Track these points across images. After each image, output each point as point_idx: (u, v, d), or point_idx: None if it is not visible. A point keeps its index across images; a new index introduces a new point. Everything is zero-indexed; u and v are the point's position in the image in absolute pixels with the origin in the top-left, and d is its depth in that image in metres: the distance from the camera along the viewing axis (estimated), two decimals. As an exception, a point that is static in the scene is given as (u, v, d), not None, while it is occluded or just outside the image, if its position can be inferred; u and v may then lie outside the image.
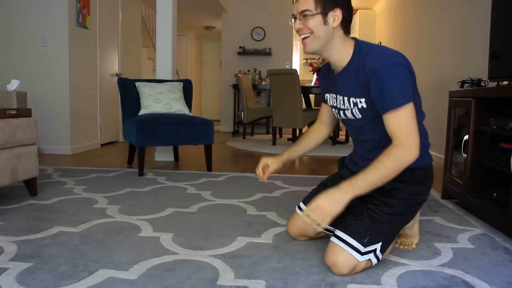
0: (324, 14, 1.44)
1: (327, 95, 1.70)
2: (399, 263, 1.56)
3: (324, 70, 1.72)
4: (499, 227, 1.98)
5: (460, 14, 3.80)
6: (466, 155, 2.29)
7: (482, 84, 2.42)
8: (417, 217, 1.75)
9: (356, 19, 7.86)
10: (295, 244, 1.74)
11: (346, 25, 1.49)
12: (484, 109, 2.20)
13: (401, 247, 1.73)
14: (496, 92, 2.02)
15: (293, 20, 1.51)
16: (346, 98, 1.54)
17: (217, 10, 7.57)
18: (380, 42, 7.45)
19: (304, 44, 1.51)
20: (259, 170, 1.83)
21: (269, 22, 7.57)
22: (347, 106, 1.55)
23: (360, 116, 1.53)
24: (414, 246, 1.73)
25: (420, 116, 1.53)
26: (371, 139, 1.58)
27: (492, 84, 2.33)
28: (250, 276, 1.41)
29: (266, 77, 7.22)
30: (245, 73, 7.47)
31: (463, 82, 2.50)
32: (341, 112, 1.60)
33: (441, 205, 2.45)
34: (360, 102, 1.49)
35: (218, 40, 9.19)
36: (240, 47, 7.56)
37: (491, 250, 1.72)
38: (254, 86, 7.20)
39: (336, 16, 1.45)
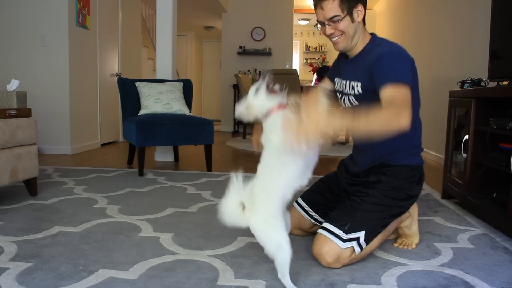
0: (350, 14, 1.54)
1: (335, 79, 1.77)
2: (399, 263, 1.56)
3: (338, 57, 1.80)
4: (499, 227, 1.98)
5: (460, 14, 3.80)
6: (466, 155, 2.29)
7: (482, 84, 2.42)
8: (416, 216, 1.76)
9: (356, 19, 7.85)
10: (295, 244, 1.73)
11: (364, 17, 1.60)
12: (484, 109, 2.20)
13: (401, 247, 1.73)
14: (496, 92, 2.02)
15: (319, 26, 1.59)
16: (347, 82, 1.64)
17: (217, 10, 7.56)
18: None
19: (335, 43, 1.60)
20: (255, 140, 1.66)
21: (269, 22, 7.57)
22: (347, 91, 1.64)
23: (356, 103, 1.60)
24: (414, 246, 1.73)
25: (416, 121, 1.57)
26: None
27: (492, 84, 2.33)
28: (250, 276, 1.41)
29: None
30: (245, 73, 7.47)
31: (463, 82, 2.50)
32: (345, 98, 1.67)
33: (441, 205, 2.45)
34: (356, 86, 1.57)
35: (218, 40, 9.19)
36: (240, 47, 7.56)
37: (491, 250, 1.72)
38: (254, 86, 7.19)
39: (359, 11, 1.55)
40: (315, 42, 9.86)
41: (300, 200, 1.83)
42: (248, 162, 4.01)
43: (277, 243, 1.28)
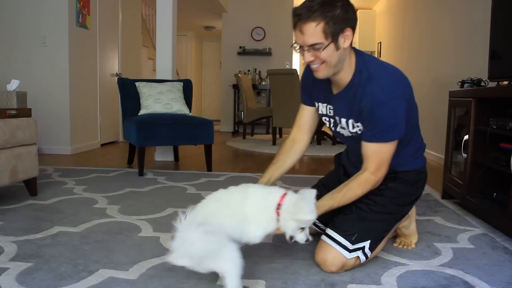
0: (336, 40, 1.31)
1: (318, 103, 1.60)
2: (399, 263, 1.56)
3: (309, 71, 1.52)
4: (499, 227, 1.98)
5: (460, 14, 3.80)
6: (466, 155, 2.29)
7: (482, 84, 2.42)
8: (413, 216, 1.75)
9: (356, 19, 7.86)
10: (295, 244, 1.74)
11: (352, 39, 1.39)
12: (484, 109, 2.20)
13: (401, 246, 1.73)
14: (496, 92, 2.02)
15: (297, 47, 1.37)
16: (344, 120, 1.50)
17: (217, 10, 7.56)
18: (380, 43, 7.45)
19: (315, 71, 1.40)
20: None
21: (269, 22, 7.57)
22: (345, 126, 1.52)
23: (359, 134, 1.49)
24: (413, 245, 1.73)
25: (415, 125, 1.56)
26: (356, 151, 1.56)
27: (492, 84, 2.33)
28: (250, 276, 1.41)
29: (266, 77, 7.22)
30: (245, 73, 7.47)
31: (463, 82, 2.50)
32: (338, 128, 1.56)
33: (441, 205, 2.45)
34: (358, 126, 1.46)
35: (218, 40, 9.18)
36: (240, 47, 7.56)
37: (491, 250, 1.71)
38: (254, 86, 7.20)
39: (346, 36, 1.33)
40: (315, 42, 9.84)
41: None
42: (248, 162, 4.01)
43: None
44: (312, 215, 1.28)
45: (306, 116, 1.69)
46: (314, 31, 1.29)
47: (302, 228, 1.31)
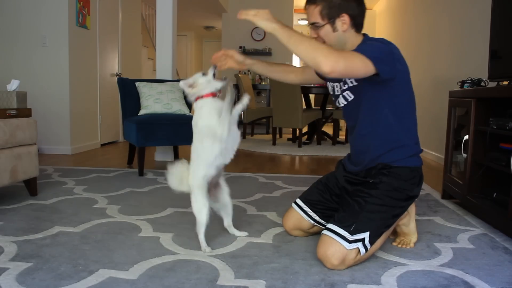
0: (332, 23, 1.53)
1: (328, 83, 1.79)
2: (399, 263, 1.56)
3: None
4: (499, 227, 1.98)
5: (460, 14, 3.80)
6: (466, 155, 2.29)
7: (482, 84, 2.41)
8: (413, 215, 1.76)
9: (356, 19, 7.86)
10: (295, 244, 1.74)
11: (356, 24, 1.57)
12: (484, 109, 2.20)
13: (400, 245, 1.73)
14: (496, 92, 2.02)
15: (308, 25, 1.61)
16: (338, 84, 1.67)
17: (217, 10, 7.56)
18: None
19: None
20: (218, 54, 1.78)
21: (269, 22, 7.55)
22: (340, 88, 1.66)
23: (352, 96, 1.62)
24: (412, 245, 1.74)
25: (412, 115, 1.62)
26: (356, 125, 1.67)
27: (492, 84, 2.33)
28: (250, 276, 1.41)
29: (266, 77, 7.22)
30: (245, 73, 7.47)
31: (463, 82, 2.50)
32: (339, 97, 1.69)
33: (441, 205, 2.45)
34: (349, 78, 1.58)
35: (218, 40, 9.18)
36: (240, 47, 7.56)
37: (491, 250, 1.72)
38: (254, 86, 7.19)
39: (343, 21, 1.53)
40: (315, 42, 9.85)
41: (299, 201, 1.83)
42: (248, 162, 4.01)
43: (197, 209, 1.63)
44: None
45: (307, 70, 1.89)
46: (313, 12, 1.56)
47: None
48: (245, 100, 1.64)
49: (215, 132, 1.59)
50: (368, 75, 1.42)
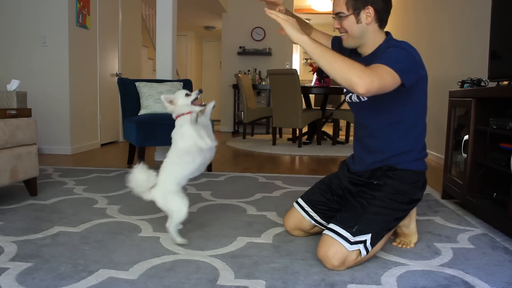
0: (357, 14, 1.53)
1: None
2: (399, 263, 1.56)
3: (339, 40, 1.73)
4: (499, 227, 1.98)
5: (460, 14, 3.80)
6: (466, 155, 2.29)
7: (482, 84, 2.41)
8: (414, 215, 1.76)
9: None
10: (295, 244, 1.74)
11: (381, 19, 1.57)
12: (484, 109, 2.20)
13: (400, 246, 1.73)
14: (496, 92, 2.02)
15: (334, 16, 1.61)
16: None
17: (217, 10, 7.56)
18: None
19: (342, 40, 1.63)
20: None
21: (269, 22, 7.53)
22: None
23: (365, 98, 1.59)
24: (412, 245, 1.73)
25: (422, 124, 1.63)
26: (369, 126, 1.65)
27: (492, 84, 2.33)
28: (250, 276, 1.41)
29: (266, 77, 7.22)
30: (245, 73, 7.47)
31: (463, 82, 2.50)
32: (352, 94, 1.67)
33: (441, 205, 2.45)
34: None
35: (218, 40, 9.18)
36: (240, 47, 7.56)
37: (491, 250, 1.72)
38: (254, 86, 7.19)
39: (368, 13, 1.53)
40: (315, 42, 9.84)
41: (300, 201, 1.82)
42: (248, 162, 4.01)
43: (177, 208, 1.69)
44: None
45: (325, 38, 1.85)
46: (339, 2, 1.55)
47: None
48: (210, 105, 1.86)
49: (201, 148, 1.72)
50: (395, 87, 1.41)
